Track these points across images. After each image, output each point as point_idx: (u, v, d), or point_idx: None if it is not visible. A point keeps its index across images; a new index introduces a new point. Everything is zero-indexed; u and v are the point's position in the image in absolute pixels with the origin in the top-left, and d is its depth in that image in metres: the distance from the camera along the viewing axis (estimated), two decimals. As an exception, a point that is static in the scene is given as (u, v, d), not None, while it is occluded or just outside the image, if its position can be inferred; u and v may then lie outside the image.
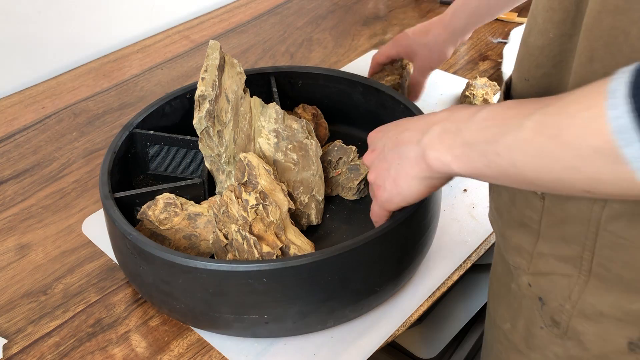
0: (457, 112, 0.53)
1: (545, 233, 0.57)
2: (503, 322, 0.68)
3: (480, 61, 1.19)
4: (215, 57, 0.75)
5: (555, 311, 0.59)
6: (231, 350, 0.69)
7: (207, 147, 0.74)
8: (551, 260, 0.57)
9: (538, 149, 0.44)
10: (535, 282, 0.60)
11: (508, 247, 0.63)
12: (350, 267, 0.64)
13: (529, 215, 0.58)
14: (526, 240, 0.60)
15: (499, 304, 0.69)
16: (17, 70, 1.17)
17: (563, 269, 0.56)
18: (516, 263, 0.62)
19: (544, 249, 0.58)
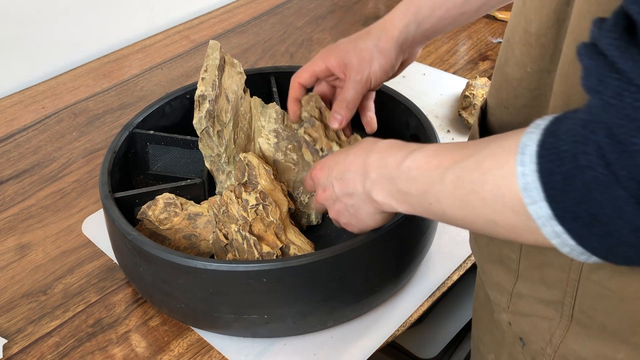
0: (388, 157, 0.53)
1: (525, 274, 0.55)
2: (487, 352, 0.66)
3: (480, 61, 1.19)
4: (215, 57, 0.75)
5: (536, 353, 0.57)
6: (231, 350, 0.69)
7: (207, 147, 0.74)
8: (531, 301, 0.55)
9: (460, 202, 0.45)
10: (515, 322, 0.58)
11: (487, 281, 0.62)
12: (350, 267, 0.64)
13: (508, 255, 0.56)
14: (505, 279, 0.58)
15: (483, 331, 0.67)
16: (17, 70, 1.17)
17: (544, 312, 0.54)
18: (496, 299, 0.60)
19: (524, 290, 0.56)
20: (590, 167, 0.34)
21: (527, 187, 0.38)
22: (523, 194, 0.38)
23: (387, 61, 0.71)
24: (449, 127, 1.01)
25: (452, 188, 0.45)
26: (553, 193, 0.37)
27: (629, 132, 0.32)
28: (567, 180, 0.36)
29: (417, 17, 0.70)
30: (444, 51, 1.22)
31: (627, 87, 0.32)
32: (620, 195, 0.33)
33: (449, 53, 1.22)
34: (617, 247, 0.36)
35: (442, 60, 1.20)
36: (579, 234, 0.37)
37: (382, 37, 0.71)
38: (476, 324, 0.70)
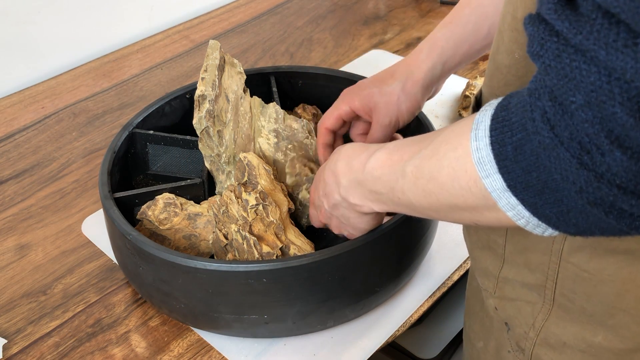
0: (353, 161, 0.55)
1: (510, 259, 0.56)
2: (477, 340, 0.67)
3: (480, 61, 1.19)
4: (215, 57, 0.75)
5: (520, 337, 0.58)
6: (231, 350, 0.69)
7: (207, 147, 0.74)
8: (516, 286, 0.57)
9: (423, 192, 0.46)
10: (501, 307, 0.60)
11: (476, 268, 0.63)
12: (350, 267, 0.64)
13: (495, 239, 0.57)
14: (492, 264, 0.59)
15: (474, 320, 0.68)
16: (17, 70, 1.17)
17: (527, 296, 0.56)
18: (484, 285, 0.62)
19: (509, 274, 0.57)
20: (536, 133, 0.35)
21: (482, 161, 0.39)
22: (478, 168, 0.39)
23: (413, 104, 0.71)
24: (449, 127, 1.01)
25: (414, 179, 0.46)
26: (505, 164, 0.38)
27: (567, 92, 0.33)
28: (517, 149, 0.37)
29: (441, 57, 0.70)
30: (444, 51, 1.22)
31: (565, 48, 0.33)
32: (564, 157, 0.34)
33: (449, 53, 1.22)
34: (568, 215, 0.37)
35: (442, 60, 1.19)
36: (532, 203, 0.38)
37: (408, 80, 0.70)
38: (468, 314, 0.71)
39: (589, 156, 0.33)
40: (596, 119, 0.33)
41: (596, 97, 0.32)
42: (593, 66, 0.32)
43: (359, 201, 0.56)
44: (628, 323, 0.50)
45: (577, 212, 0.37)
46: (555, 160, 0.35)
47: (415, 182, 0.46)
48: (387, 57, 1.20)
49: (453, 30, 0.69)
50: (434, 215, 0.49)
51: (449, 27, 0.69)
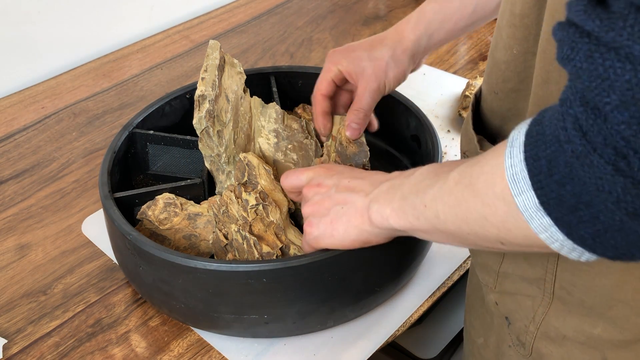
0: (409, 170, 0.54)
1: (510, 253, 0.57)
2: (477, 336, 0.68)
3: (480, 61, 1.19)
4: (215, 57, 0.75)
5: (520, 331, 0.58)
6: (231, 350, 0.69)
7: (207, 147, 0.74)
8: (516, 280, 0.57)
9: (455, 199, 0.45)
10: (502, 301, 0.60)
11: (476, 263, 0.63)
12: (350, 267, 0.64)
13: None
14: (492, 259, 0.59)
15: (474, 316, 0.69)
16: (17, 70, 1.17)
17: (527, 290, 0.56)
18: (484, 280, 0.62)
19: (509, 269, 0.57)
20: (569, 142, 0.34)
21: (516, 178, 0.38)
22: (511, 186, 0.38)
23: (400, 71, 0.73)
24: (449, 127, 1.01)
25: (452, 185, 0.46)
26: (539, 178, 0.37)
27: (601, 93, 0.32)
28: (551, 162, 0.36)
29: (427, 30, 0.72)
30: (444, 51, 1.22)
31: (597, 48, 0.32)
32: (598, 164, 0.33)
33: (449, 53, 1.22)
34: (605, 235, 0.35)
35: (442, 60, 1.20)
36: (566, 223, 0.37)
37: (397, 48, 0.72)
38: (468, 310, 0.71)
39: (625, 161, 0.32)
40: (633, 119, 0.31)
41: (632, 96, 0.31)
42: (628, 63, 0.31)
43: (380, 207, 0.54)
44: (627, 314, 0.51)
45: (615, 230, 0.35)
46: (589, 169, 0.33)
47: (452, 189, 0.45)
48: (387, 57, 1.20)
49: (441, 4, 0.71)
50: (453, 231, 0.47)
51: (438, 1, 0.71)
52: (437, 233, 0.50)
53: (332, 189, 0.60)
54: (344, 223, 0.58)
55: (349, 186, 0.58)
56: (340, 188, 0.59)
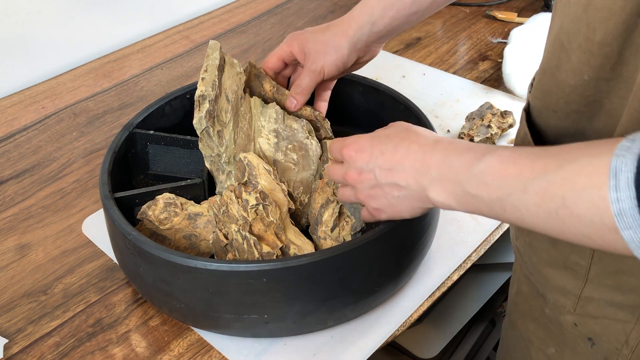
0: (453, 160, 0.52)
1: (596, 280, 0.55)
2: (545, 346, 0.66)
3: (480, 61, 1.19)
4: (215, 57, 0.75)
5: (609, 353, 0.57)
6: (231, 350, 0.69)
7: (207, 147, 0.74)
8: (602, 305, 0.56)
9: (546, 214, 0.44)
10: (583, 323, 0.59)
11: (547, 285, 0.61)
12: (350, 267, 0.64)
13: (575, 261, 0.56)
14: (571, 284, 0.58)
15: (533, 324, 0.67)
16: (17, 70, 1.17)
17: (617, 315, 0.55)
18: (558, 302, 0.60)
19: (594, 294, 0.56)
20: None
21: (623, 213, 0.39)
22: (617, 219, 0.39)
23: (339, 57, 0.76)
24: (449, 127, 1.02)
25: (538, 200, 0.44)
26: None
27: None
28: None
29: (370, 18, 0.75)
30: (444, 51, 1.22)
31: None
32: None
33: (449, 53, 1.22)
34: None
35: (442, 60, 1.20)
36: None
37: (337, 34, 0.76)
38: (522, 318, 0.69)
39: None
40: None
41: None
42: None
43: (442, 199, 0.53)
44: None
45: None
46: None
47: (539, 204, 0.44)
48: (387, 57, 1.20)
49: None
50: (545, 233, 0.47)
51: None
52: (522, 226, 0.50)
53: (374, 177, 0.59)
54: (406, 207, 0.59)
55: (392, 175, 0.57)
56: (384, 176, 0.58)
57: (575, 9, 0.49)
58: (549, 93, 0.55)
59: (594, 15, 0.47)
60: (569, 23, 0.50)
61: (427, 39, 1.27)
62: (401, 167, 0.56)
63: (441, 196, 0.53)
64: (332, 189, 0.75)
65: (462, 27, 1.31)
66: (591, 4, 0.47)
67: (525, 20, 1.23)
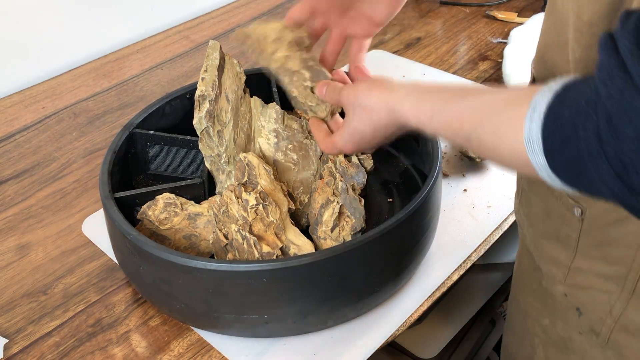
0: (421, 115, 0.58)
1: (584, 251, 0.58)
2: (541, 317, 0.69)
3: (480, 61, 1.19)
4: (215, 57, 0.75)
5: (594, 323, 0.60)
6: (231, 350, 0.69)
7: (207, 147, 0.74)
8: (590, 275, 0.58)
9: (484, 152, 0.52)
10: (572, 294, 0.61)
11: (541, 256, 0.64)
12: (350, 267, 0.64)
13: (566, 232, 0.59)
14: (562, 255, 0.61)
15: (531, 296, 0.70)
16: (17, 70, 1.17)
17: (603, 285, 0.57)
18: (550, 272, 0.63)
19: (583, 265, 0.59)
20: (585, 139, 0.40)
21: (531, 140, 0.44)
22: (526, 145, 0.45)
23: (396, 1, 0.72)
24: (449, 127, 1.01)
25: (477, 147, 0.52)
26: (551, 150, 0.43)
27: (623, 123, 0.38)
28: (563, 142, 0.42)
29: None
30: (444, 51, 1.22)
31: (628, 86, 0.37)
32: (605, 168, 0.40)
33: (449, 53, 1.22)
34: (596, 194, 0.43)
35: (442, 60, 1.20)
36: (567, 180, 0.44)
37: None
38: (522, 290, 0.73)
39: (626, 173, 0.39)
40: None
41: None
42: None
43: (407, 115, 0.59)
44: None
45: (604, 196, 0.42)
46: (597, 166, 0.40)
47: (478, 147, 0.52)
48: (387, 57, 1.20)
49: None
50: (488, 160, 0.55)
51: None
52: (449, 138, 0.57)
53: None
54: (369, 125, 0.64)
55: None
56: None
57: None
58: (555, 67, 0.57)
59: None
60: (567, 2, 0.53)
61: (427, 39, 1.27)
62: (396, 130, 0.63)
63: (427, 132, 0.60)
64: (332, 188, 0.75)
65: (462, 27, 1.31)
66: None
67: (525, 20, 1.23)
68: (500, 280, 1.12)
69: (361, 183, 0.77)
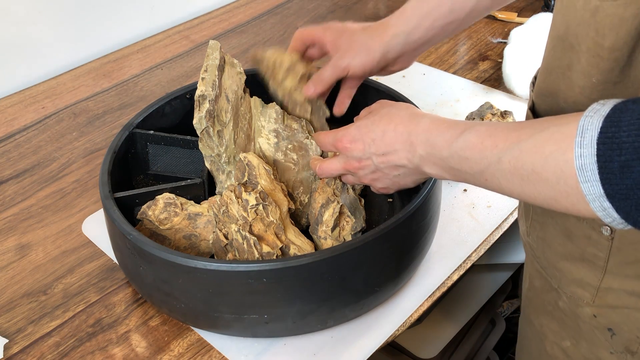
0: (436, 138, 0.57)
1: (615, 270, 0.56)
2: (560, 339, 0.67)
3: (480, 61, 1.19)
4: (215, 57, 0.75)
5: (630, 342, 0.58)
6: (231, 350, 0.69)
7: (207, 147, 0.74)
8: (622, 294, 0.57)
9: (519, 180, 0.48)
10: (602, 314, 0.59)
11: (563, 279, 0.62)
12: (350, 267, 0.64)
13: (592, 253, 0.57)
14: (589, 276, 0.59)
15: (547, 318, 0.68)
16: (17, 70, 1.17)
17: (637, 304, 0.56)
18: (576, 294, 0.61)
19: (613, 285, 0.57)
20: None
21: (584, 168, 0.42)
22: (578, 173, 0.42)
23: (368, 60, 0.74)
24: (449, 127, 1.01)
25: (511, 168, 0.48)
26: (609, 177, 0.41)
27: None
28: (624, 168, 0.40)
29: (406, 27, 0.74)
30: (444, 51, 1.22)
31: None
32: None
33: (449, 53, 1.22)
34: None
35: (442, 60, 1.20)
36: (626, 211, 0.42)
37: (373, 37, 0.74)
38: (535, 312, 0.71)
39: None
40: None
41: None
42: None
43: (434, 172, 0.59)
44: None
45: None
46: None
47: (512, 172, 0.48)
48: (387, 57, 1.20)
49: (421, 3, 0.73)
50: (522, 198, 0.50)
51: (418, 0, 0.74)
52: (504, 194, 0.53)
53: (373, 163, 0.64)
54: (409, 180, 0.65)
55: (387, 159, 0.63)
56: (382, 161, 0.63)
57: (582, 13, 0.50)
58: (557, 93, 0.56)
59: (602, 21, 0.48)
60: (576, 26, 0.51)
61: (427, 39, 1.27)
62: (394, 150, 0.61)
63: (433, 170, 0.59)
64: (332, 188, 0.75)
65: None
66: (600, 10, 0.47)
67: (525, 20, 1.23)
68: (500, 280, 1.12)
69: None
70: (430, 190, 0.69)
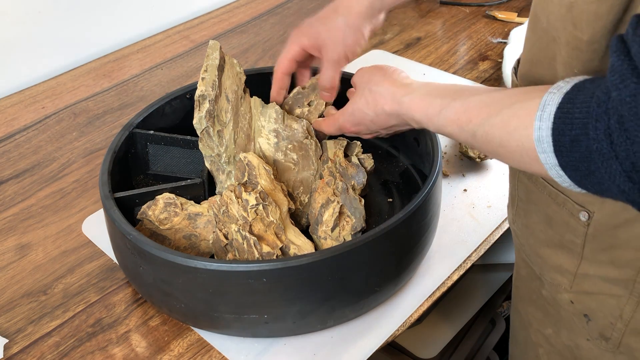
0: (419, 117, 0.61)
1: (590, 256, 0.58)
2: (543, 327, 0.68)
3: (480, 61, 1.19)
4: (215, 57, 0.75)
5: (604, 328, 0.59)
6: (231, 350, 0.69)
7: (207, 147, 0.74)
8: (597, 281, 0.58)
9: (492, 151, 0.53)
10: (579, 300, 0.61)
11: (544, 265, 0.64)
12: (350, 267, 0.64)
13: (570, 239, 0.59)
14: (567, 262, 0.60)
15: (531, 306, 0.70)
16: (17, 70, 1.17)
17: (611, 290, 0.57)
18: (555, 281, 0.63)
19: (589, 271, 0.59)
20: (596, 139, 0.41)
21: (541, 140, 0.45)
22: (536, 144, 0.46)
23: (358, 37, 0.74)
24: (449, 127, 1.01)
25: (484, 142, 0.53)
26: (561, 149, 0.44)
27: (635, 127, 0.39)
28: (573, 142, 0.43)
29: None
30: (444, 51, 1.22)
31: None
32: (616, 168, 0.41)
33: (449, 53, 1.22)
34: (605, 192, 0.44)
35: (442, 60, 1.20)
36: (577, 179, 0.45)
37: (349, 14, 0.73)
38: (522, 301, 0.73)
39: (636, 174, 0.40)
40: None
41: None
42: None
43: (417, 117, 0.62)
44: None
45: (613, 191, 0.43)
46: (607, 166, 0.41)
47: (485, 144, 0.53)
48: (387, 57, 1.20)
49: None
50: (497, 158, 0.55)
51: None
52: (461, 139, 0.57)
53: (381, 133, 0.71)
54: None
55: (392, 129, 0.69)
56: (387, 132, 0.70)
57: (558, 8, 0.52)
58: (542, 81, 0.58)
59: (579, 16, 0.50)
60: (555, 20, 0.53)
61: (427, 39, 1.27)
62: (394, 124, 0.67)
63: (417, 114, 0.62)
64: (332, 188, 0.75)
65: (462, 27, 1.31)
66: (575, 6, 0.49)
67: (525, 20, 1.23)
68: (500, 280, 1.12)
69: (361, 183, 0.77)
70: (430, 190, 0.69)
